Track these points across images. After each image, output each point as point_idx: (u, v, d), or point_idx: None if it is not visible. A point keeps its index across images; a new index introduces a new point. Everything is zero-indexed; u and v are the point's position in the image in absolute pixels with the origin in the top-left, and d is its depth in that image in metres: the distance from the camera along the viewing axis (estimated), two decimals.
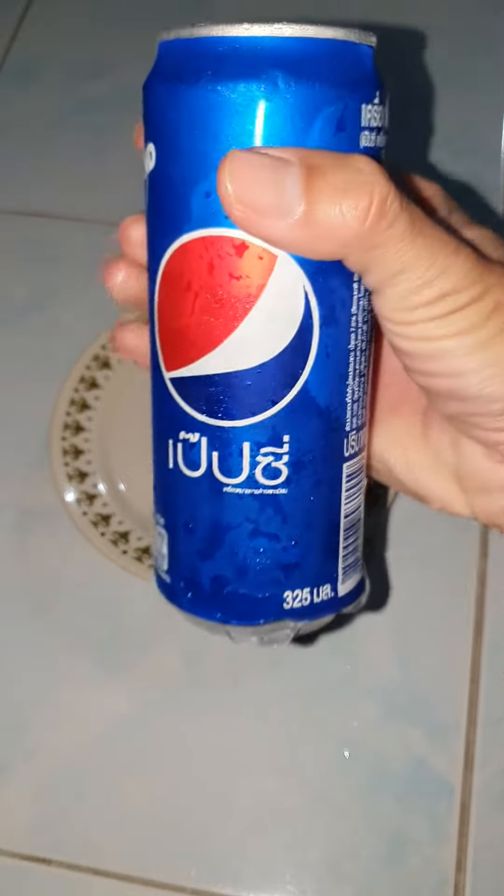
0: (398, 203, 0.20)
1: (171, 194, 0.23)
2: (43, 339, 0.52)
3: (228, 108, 0.21)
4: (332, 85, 0.21)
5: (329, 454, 0.25)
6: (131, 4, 0.66)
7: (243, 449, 0.24)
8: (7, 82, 0.63)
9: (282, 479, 0.24)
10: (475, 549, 0.45)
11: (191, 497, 0.25)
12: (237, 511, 0.24)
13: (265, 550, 0.25)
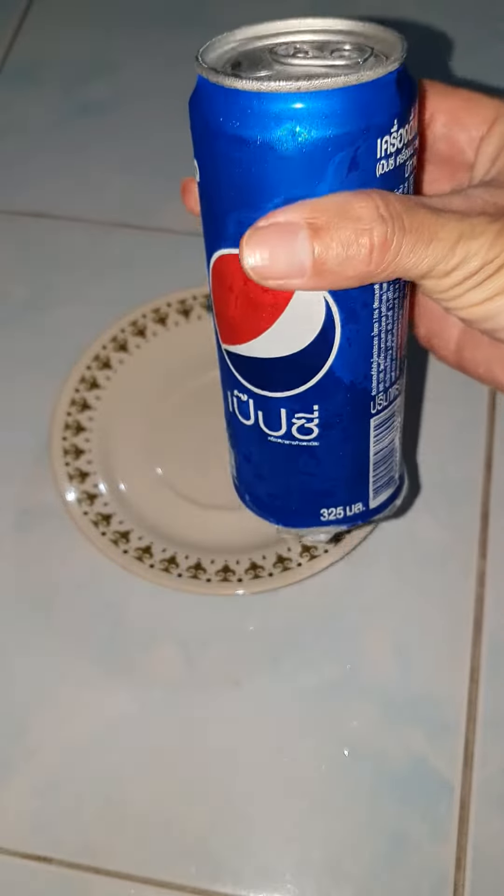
0: (401, 231, 0.22)
1: (212, 212, 0.26)
2: (43, 339, 0.52)
3: (252, 156, 0.23)
4: (347, 131, 0.23)
5: (356, 415, 0.28)
6: (131, 6, 0.66)
7: (281, 413, 0.28)
8: (7, 83, 0.63)
9: (314, 436, 0.28)
10: (474, 550, 0.45)
11: (245, 437, 0.30)
12: (280, 455, 0.29)
13: (304, 482, 0.30)
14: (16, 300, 0.53)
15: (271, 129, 0.22)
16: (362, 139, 0.23)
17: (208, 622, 0.43)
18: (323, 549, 0.42)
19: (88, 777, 0.41)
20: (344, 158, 0.22)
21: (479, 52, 0.62)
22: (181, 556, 0.42)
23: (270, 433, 0.29)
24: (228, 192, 0.24)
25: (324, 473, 0.30)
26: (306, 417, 0.28)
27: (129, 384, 0.47)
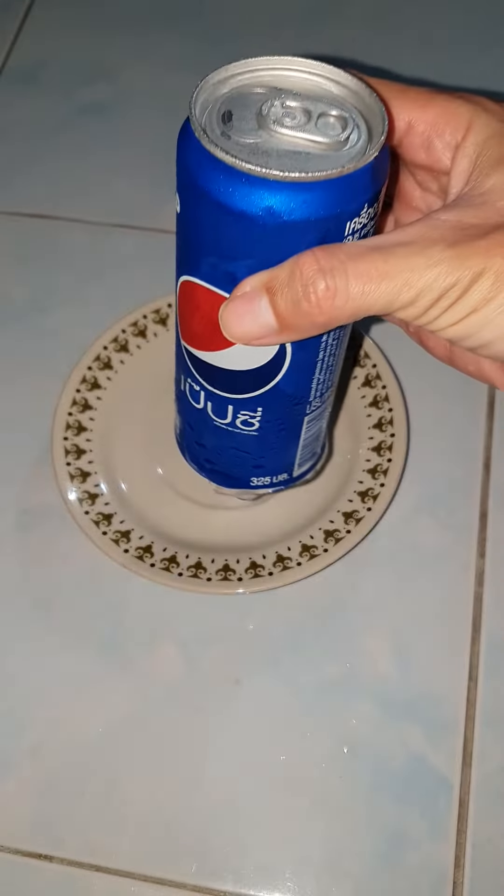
0: (344, 278, 0.24)
1: (188, 244, 0.28)
2: (44, 339, 0.52)
3: (230, 221, 0.25)
4: (321, 217, 0.25)
5: (293, 415, 0.33)
6: (131, 8, 0.67)
7: (228, 408, 0.32)
8: (8, 85, 0.63)
9: (254, 428, 0.33)
10: (473, 549, 0.45)
11: (192, 415, 0.34)
12: (222, 436, 0.34)
13: (239, 458, 0.35)
14: (16, 301, 0.54)
15: (252, 204, 0.24)
16: (333, 222, 0.25)
17: (208, 621, 0.44)
18: (322, 549, 0.42)
19: (89, 775, 0.41)
20: (314, 236, 0.25)
21: (478, 54, 0.62)
22: (181, 556, 0.43)
23: (216, 419, 0.33)
24: (205, 239, 0.26)
25: (257, 453, 0.35)
26: (250, 414, 0.32)
27: (130, 384, 0.48)
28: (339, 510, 0.43)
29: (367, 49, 0.63)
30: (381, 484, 0.44)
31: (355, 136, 0.25)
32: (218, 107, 0.26)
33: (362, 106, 0.26)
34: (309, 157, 0.25)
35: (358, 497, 0.44)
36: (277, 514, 0.45)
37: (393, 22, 0.64)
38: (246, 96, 0.26)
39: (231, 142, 0.25)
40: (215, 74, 0.26)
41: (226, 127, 0.25)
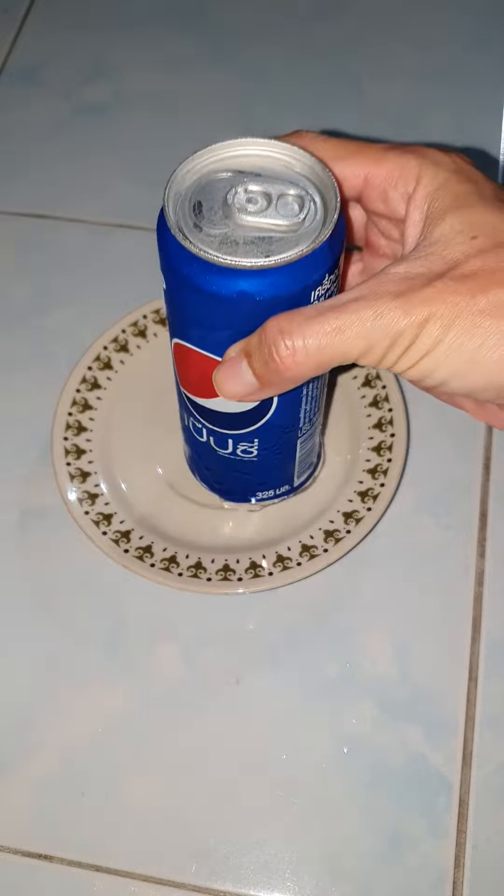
0: (302, 338, 0.26)
1: (176, 315, 0.31)
2: (45, 339, 0.52)
3: (207, 301, 0.28)
4: (287, 293, 0.28)
5: (286, 441, 0.37)
6: (132, 8, 0.67)
7: (228, 441, 0.36)
8: (8, 85, 0.63)
9: (254, 455, 0.37)
10: (473, 549, 0.45)
11: (197, 446, 0.38)
12: (225, 462, 0.38)
13: (244, 479, 0.39)
14: (17, 301, 0.54)
15: (226, 289, 0.28)
16: (299, 295, 0.28)
17: (208, 621, 0.44)
18: (322, 549, 0.42)
19: (89, 775, 0.41)
20: (284, 307, 0.28)
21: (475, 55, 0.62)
22: (181, 556, 0.43)
23: (219, 450, 0.37)
24: (189, 314, 0.30)
25: (259, 474, 0.39)
26: (248, 445, 0.36)
27: (130, 385, 0.48)
28: (339, 510, 0.43)
29: (368, 49, 0.63)
30: (381, 484, 0.44)
31: (312, 211, 0.29)
32: (189, 196, 0.29)
33: (317, 179, 0.29)
34: (272, 242, 0.28)
35: (358, 497, 0.44)
36: (277, 514, 0.45)
37: (393, 22, 0.64)
38: (212, 184, 0.29)
39: (203, 233, 0.28)
40: (184, 167, 0.29)
41: (197, 219, 0.28)
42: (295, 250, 0.27)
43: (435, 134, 0.59)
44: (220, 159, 0.30)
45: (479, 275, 0.26)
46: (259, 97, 0.61)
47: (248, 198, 0.29)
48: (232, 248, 0.28)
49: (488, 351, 0.26)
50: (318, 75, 0.62)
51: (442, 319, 0.26)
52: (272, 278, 0.27)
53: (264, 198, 0.29)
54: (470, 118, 0.59)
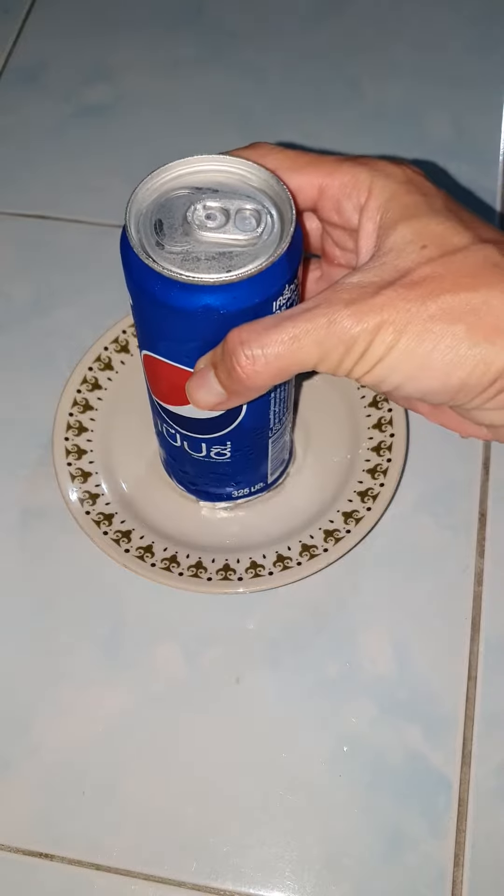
0: (260, 347, 0.28)
1: (144, 330, 0.33)
2: (45, 340, 0.52)
3: (172, 315, 0.29)
4: (248, 306, 0.29)
5: (258, 442, 0.38)
6: (132, 9, 0.67)
7: (202, 445, 0.37)
8: (9, 85, 0.63)
9: (227, 457, 0.38)
10: (472, 549, 0.45)
11: (172, 450, 0.39)
12: (200, 465, 0.39)
13: (219, 479, 0.41)
14: (17, 301, 0.54)
15: (189, 304, 0.29)
16: (261, 306, 0.29)
17: (209, 620, 0.44)
18: (322, 549, 0.42)
19: (89, 775, 0.41)
20: (247, 319, 0.28)
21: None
22: (182, 555, 0.43)
23: (193, 454, 0.38)
24: (156, 328, 0.31)
25: (234, 473, 0.40)
26: (220, 448, 0.37)
27: (131, 385, 0.48)
28: (338, 510, 0.44)
29: (367, 49, 0.63)
30: (380, 484, 0.44)
31: (269, 225, 0.29)
32: (150, 215, 0.30)
33: (273, 192, 0.30)
34: (233, 256, 0.29)
35: (358, 497, 0.44)
36: (277, 513, 0.45)
37: (393, 22, 0.64)
38: (172, 201, 0.30)
39: (165, 251, 0.29)
40: (143, 185, 0.30)
41: (158, 237, 0.29)
42: (254, 264, 0.28)
43: (434, 134, 0.59)
44: (179, 176, 0.31)
45: (430, 282, 0.27)
46: (258, 98, 0.61)
47: (206, 214, 0.30)
48: (194, 264, 0.29)
49: (439, 355, 0.27)
50: (317, 76, 0.62)
51: (394, 325, 0.27)
52: (234, 292, 0.28)
53: (223, 213, 0.30)
54: (470, 118, 0.59)
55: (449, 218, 0.28)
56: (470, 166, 0.57)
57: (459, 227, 0.28)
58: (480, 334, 0.26)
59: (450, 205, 0.29)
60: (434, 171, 0.57)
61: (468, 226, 0.28)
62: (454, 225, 0.28)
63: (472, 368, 0.27)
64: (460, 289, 0.27)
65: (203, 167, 0.31)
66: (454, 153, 0.58)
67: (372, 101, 0.61)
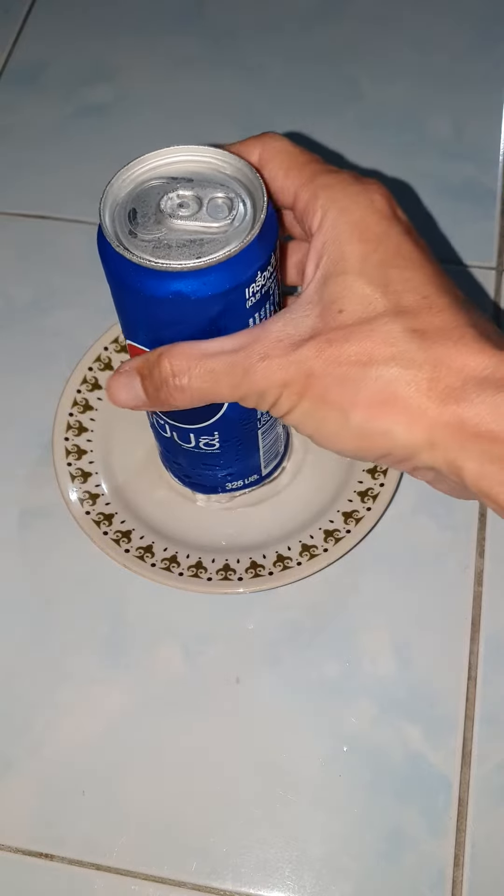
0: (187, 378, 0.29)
1: (123, 318, 0.33)
2: (45, 340, 0.52)
3: (146, 303, 0.30)
4: (220, 291, 0.29)
5: (246, 432, 0.38)
6: (132, 10, 0.67)
7: (190, 435, 0.37)
8: (9, 85, 0.63)
9: (216, 447, 0.38)
10: (472, 548, 0.45)
11: (164, 441, 0.40)
12: (191, 456, 0.39)
13: (210, 470, 0.40)
14: (18, 302, 0.54)
15: (162, 290, 0.29)
16: (234, 293, 0.29)
17: (208, 620, 0.44)
18: (322, 549, 0.42)
19: (89, 775, 0.41)
20: (221, 305, 0.29)
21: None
22: (182, 555, 0.43)
23: (183, 444, 0.38)
24: (133, 316, 0.31)
25: (225, 465, 0.40)
26: (209, 438, 0.37)
27: None
28: (338, 510, 0.44)
29: (367, 50, 0.63)
30: (380, 484, 0.44)
31: (241, 212, 0.30)
32: (125, 206, 0.30)
33: (246, 181, 0.30)
34: (204, 243, 0.29)
35: (357, 497, 0.44)
36: (277, 513, 0.45)
37: (393, 23, 0.64)
38: (146, 191, 0.30)
39: (137, 240, 0.29)
40: (119, 176, 0.30)
41: (132, 225, 0.29)
42: (224, 250, 0.29)
43: (434, 134, 0.59)
44: (154, 167, 0.31)
45: (335, 349, 0.28)
46: (258, 98, 0.61)
47: (179, 202, 0.30)
48: (165, 251, 0.29)
49: (330, 426, 0.28)
50: (317, 76, 0.62)
51: (297, 387, 0.28)
52: (205, 278, 0.28)
53: (195, 202, 0.30)
54: (470, 118, 0.59)
55: (374, 279, 0.28)
56: (470, 166, 0.57)
57: (380, 292, 0.28)
58: (365, 412, 0.28)
59: (389, 256, 0.29)
60: (434, 171, 0.57)
61: (392, 290, 0.28)
62: (375, 289, 0.28)
63: (359, 444, 0.28)
64: (357, 363, 0.27)
65: (178, 158, 0.31)
66: (454, 153, 0.58)
67: (372, 101, 0.61)
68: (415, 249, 0.29)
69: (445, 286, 0.29)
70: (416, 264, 0.29)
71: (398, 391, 0.27)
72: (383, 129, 0.59)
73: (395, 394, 0.27)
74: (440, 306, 0.28)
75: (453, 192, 0.56)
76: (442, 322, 0.28)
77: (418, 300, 0.28)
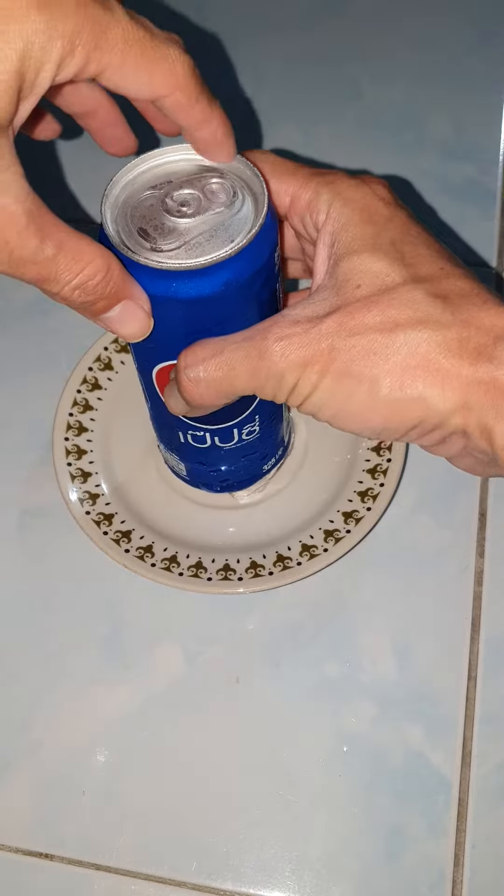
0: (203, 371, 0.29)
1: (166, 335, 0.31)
2: (46, 340, 0.52)
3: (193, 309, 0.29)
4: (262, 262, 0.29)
5: (277, 411, 0.39)
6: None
7: (233, 431, 0.37)
8: None
9: (257, 432, 0.38)
10: (472, 548, 0.45)
11: (201, 454, 0.39)
12: (235, 453, 0.39)
13: (251, 460, 0.41)
14: (18, 301, 0.54)
15: (209, 287, 0.28)
16: (269, 260, 0.30)
17: (208, 620, 0.44)
18: (322, 549, 0.42)
19: (89, 775, 0.41)
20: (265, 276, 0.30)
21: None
22: (182, 555, 0.43)
23: (225, 445, 0.38)
24: (183, 329, 0.30)
25: (263, 448, 0.41)
26: (251, 425, 0.37)
27: (131, 385, 0.48)
28: (338, 510, 0.44)
29: (368, 49, 0.63)
30: (380, 484, 0.44)
31: (241, 193, 0.30)
32: (130, 229, 0.29)
33: (237, 171, 0.31)
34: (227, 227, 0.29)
35: (358, 497, 0.44)
36: (277, 513, 0.45)
37: (393, 23, 0.64)
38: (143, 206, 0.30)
39: (165, 253, 0.29)
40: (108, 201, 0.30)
41: (150, 242, 0.29)
42: (251, 224, 0.29)
43: (434, 134, 0.59)
44: (143, 172, 0.31)
45: (357, 322, 0.27)
46: (258, 98, 0.61)
47: (184, 201, 0.30)
48: (199, 250, 0.28)
49: (357, 400, 0.27)
50: (317, 76, 0.62)
51: (319, 365, 0.27)
52: (247, 254, 0.28)
53: (195, 199, 0.30)
54: (470, 118, 0.59)
55: (389, 254, 0.28)
56: (470, 166, 0.57)
57: (396, 265, 0.28)
58: (395, 380, 0.27)
59: (399, 235, 0.29)
60: (434, 171, 0.57)
61: (408, 262, 0.28)
62: (391, 263, 0.28)
63: (389, 415, 0.27)
64: (383, 331, 0.27)
65: (165, 159, 0.32)
66: (454, 153, 0.58)
67: (372, 101, 0.61)
68: (422, 231, 0.29)
69: (457, 261, 0.29)
70: (426, 242, 0.29)
71: (429, 354, 0.26)
72: (383, 129, 0.59)
73: (426, 357, 0.26)
74: (458, 274, 0.28)
75: (453, 192, 0.56)
76: (463, 287, 0.27)
77: (435, 270, 0.28)
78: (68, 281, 0.26)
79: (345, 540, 0.42)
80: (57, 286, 0.26)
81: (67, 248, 0.26)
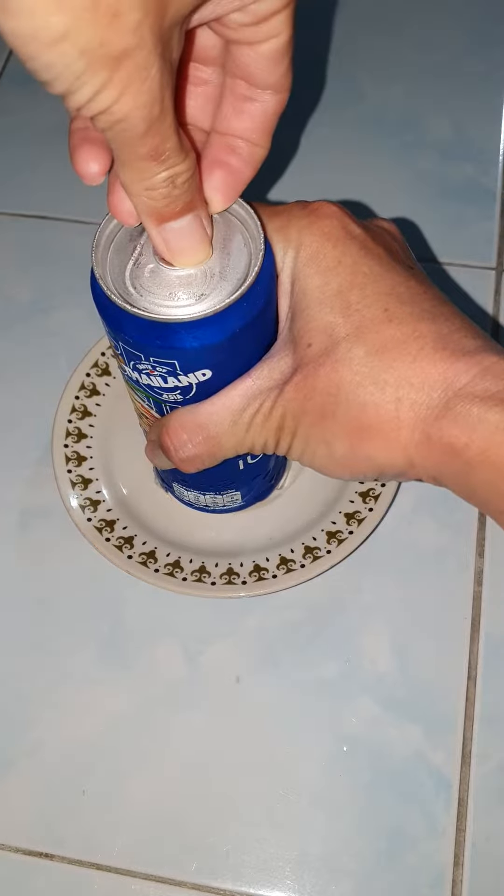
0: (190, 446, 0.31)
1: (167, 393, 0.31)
2: (46, 340, 0.52)
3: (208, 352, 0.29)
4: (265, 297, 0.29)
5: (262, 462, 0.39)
6: None
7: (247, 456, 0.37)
8: (9, 86, 0.63)
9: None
10: (472, 548, 0.45)
11: (226, 474, 0.38)
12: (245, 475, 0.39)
13: (264, 478, 0.41)
14: (18, 302, 0.54)
15: (223, 332, 0.28)
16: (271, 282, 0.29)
17: (209, 620, 0.44)
18: (325, 550, 0.42)
19: (89, 774, 0.41)
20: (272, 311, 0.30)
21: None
22: (185, 560, 0.43)
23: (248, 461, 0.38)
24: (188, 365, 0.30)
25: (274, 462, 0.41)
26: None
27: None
28: (340, 511, 0.44)
29: (368, 49, 0.63)
30: (381, 484, 0.44)
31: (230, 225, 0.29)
32: (125, 284, 0.29)
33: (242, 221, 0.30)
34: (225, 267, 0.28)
35: (359, 497, 0.44)
36: (279, 516, 0.45)
37: (393, 22, 0.64)
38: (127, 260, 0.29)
39: (170, 307, 0.28)
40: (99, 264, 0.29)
41: (157, 298, 0.28)
42: (249, 257, 0.28)
43: (434, 135, 0.59)
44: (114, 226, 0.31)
45: (309, 383, 0.28)
46: None
47: None
48: (199, 296, 0.28)
49: (320, 460, 0.30)
50: (317, 76, 0.62)
51: (286, 430, 0.30)
52: (255, 290, 0.28)
53: None
54: (470, 118, 0.59)
55: (335, 307, 0.28)
56: (470, 166, 0.57)
57: (340, 317, 0.28)
58: (345, 443, 0.29)
59: (347, 279, 0.29)
60: (434, 171, 0.57)
61: (353, 310, 0.28)
62: (336, 315, 0.28)
63: (353, 470, 0.30)
64: (330, 394, 0.28)
65: None
66: (454, 153, 0.58)
67: (372, 101, 0.61)
68: (374, 263, 0.29)
69: (409, 293, 0.29)
70: (375, 278, 0.29)
71: (370, 417, 0.28)
72: (383, 129, 0.59)
73: (368, 420, 0.28)
74: (400, 317, 0.28)
75: (453, 193, 0.56)
76: (402, 334, 0.28)
77: (379, 314, 0.28)
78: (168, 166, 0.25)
79: (347, 541, 0.42)
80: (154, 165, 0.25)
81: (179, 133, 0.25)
